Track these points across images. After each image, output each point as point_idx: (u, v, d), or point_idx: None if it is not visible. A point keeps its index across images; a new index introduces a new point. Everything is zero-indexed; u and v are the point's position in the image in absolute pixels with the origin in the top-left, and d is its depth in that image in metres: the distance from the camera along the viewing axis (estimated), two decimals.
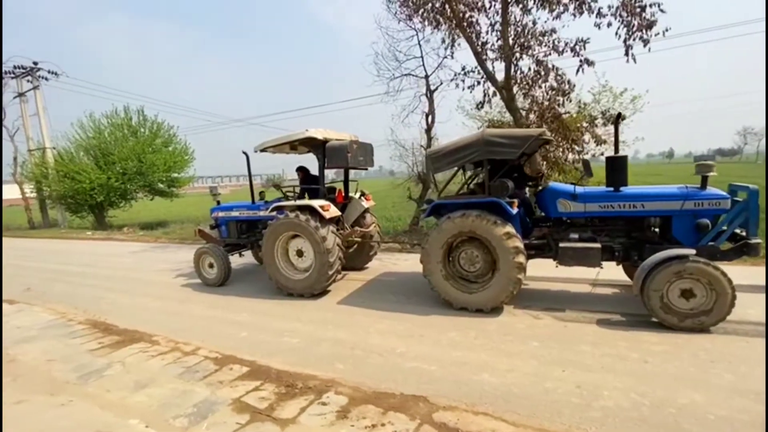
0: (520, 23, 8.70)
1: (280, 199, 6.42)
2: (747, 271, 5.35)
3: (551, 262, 4.85)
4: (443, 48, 9.88)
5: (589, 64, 8.11)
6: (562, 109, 8.96)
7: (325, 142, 5.76)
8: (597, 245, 4.40)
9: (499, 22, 8.64)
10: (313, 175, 6.46)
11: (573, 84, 8.54)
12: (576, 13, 7.99)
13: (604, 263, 4.52)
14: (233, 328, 4.73)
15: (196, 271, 6.82)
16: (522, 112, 9.02)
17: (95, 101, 30.50)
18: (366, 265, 7.21)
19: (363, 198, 6.72)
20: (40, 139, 19.59)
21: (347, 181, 6.94)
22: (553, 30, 8.39)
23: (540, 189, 5.05)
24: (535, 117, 8.90)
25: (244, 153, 6.67)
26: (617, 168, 4.51)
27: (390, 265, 7.46)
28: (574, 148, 9.05)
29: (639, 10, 7.45)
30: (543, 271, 5.54)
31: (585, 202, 4.56)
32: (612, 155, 4.62)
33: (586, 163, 4.79)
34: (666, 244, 4.32)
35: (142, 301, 6.13)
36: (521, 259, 4.36)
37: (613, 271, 5.19)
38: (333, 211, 5.64)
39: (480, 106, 9.71)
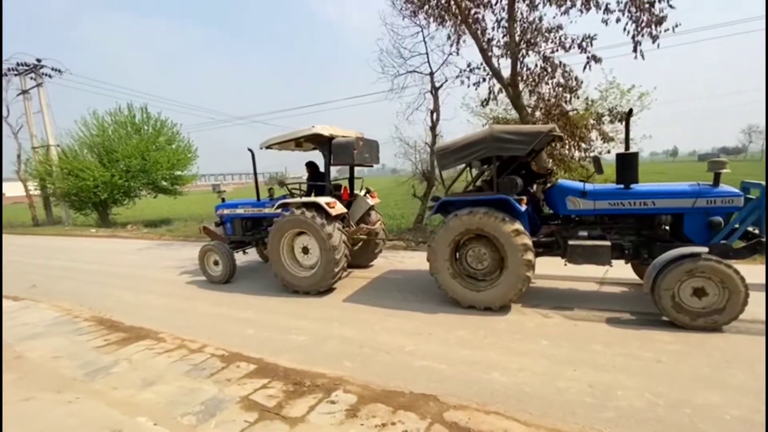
0: (526, 19, 8.64)
1: (285, 197, 6.38)
2: (760, 270, 5.27)
3: (556, 260, 4.80)
4: (448, 44, 9.81)
5: (597, 60, 8.05)
6: (568, 107, 8.89)
7: (331, 138, 5.72)
8: (607, 243, 4.34)
9: (505, 18, 8.55)
10: (321, 172, 6.43)
11: (580, 81, 8.48)
12: (583, 9, 7.88)
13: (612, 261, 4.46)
14: (239, 325, 4.71)
15: (201, 269, 6.80)
16: (528, 109, 8.94)
17: (98, 98, 30.69)
18: (371, 263, 7.17)
19: (368, 195, 6.68)
20: (44, 137, 19.62)
21: (352, 179, 6.89)
22: (560, 26, 8.32)
23: (549, 186, 4.99)
24: (542, 114, 8.83)
25: (249, 150, 6.65)
26: (628, 165, 4.43)
27: (396, 263, 7.43)
28: (580, 145, 8.98)
29: (648, 5, 7.36)
30: (549, 270, 5.49)
31: (595, 199, 4.50)
32: (623, 152, 4.56)
33: (596, 160, 4.76)
34: (677, 242, 4.26)
35: (147, 298, 6.12)
36: (530, 257, 4.31)
37: (621, 270, 5.14)
38: (339, 208, 5.60)
39: (485, 103, 9.65)
